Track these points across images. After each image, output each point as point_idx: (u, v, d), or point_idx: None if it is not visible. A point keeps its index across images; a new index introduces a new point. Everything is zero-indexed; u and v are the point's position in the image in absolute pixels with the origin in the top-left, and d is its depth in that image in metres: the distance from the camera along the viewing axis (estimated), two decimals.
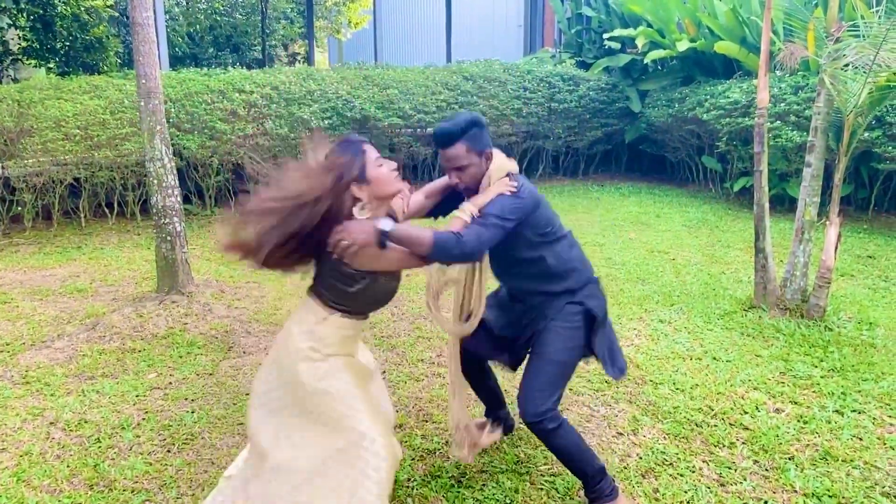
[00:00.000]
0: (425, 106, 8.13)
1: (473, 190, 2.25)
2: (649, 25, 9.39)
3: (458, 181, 2.26)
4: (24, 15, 10.97)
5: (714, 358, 3.61)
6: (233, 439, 2.82)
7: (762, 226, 4.15)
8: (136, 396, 3.23)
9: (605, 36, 9.57)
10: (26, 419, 2.99)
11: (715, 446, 2.73)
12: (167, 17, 14.24)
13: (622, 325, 4.11)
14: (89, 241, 6.55)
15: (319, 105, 7.48)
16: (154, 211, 4.46)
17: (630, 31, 8.98)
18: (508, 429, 2.80)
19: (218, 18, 15.10)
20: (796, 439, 2.77)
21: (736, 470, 2.57)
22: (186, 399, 3.21)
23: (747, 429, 2.86)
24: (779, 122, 7.03)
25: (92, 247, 6.33)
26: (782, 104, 7.01)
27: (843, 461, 2.61)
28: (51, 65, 11.78)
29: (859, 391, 3.19)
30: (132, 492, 2.44)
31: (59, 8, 10.94)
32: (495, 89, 8.73)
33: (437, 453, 2.72)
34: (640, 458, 2.65)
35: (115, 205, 7.25)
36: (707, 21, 8.18)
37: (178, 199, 4.52)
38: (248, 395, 3.22)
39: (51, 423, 2.95)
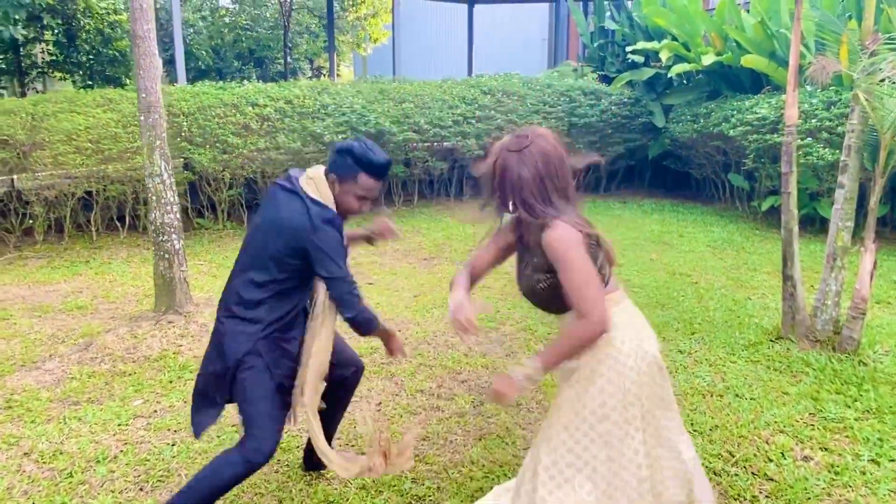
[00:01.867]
0: (441, 120, 7.97)
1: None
2: (674, 39, 9.14)
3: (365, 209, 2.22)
4: (50, 29, 11.12)
5: (737, 395, 3.34)
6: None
7: (790, 251, 3.87)
8: (118, 425, 3.07)
9: (628, 49, 9.33)
10: (0, 448, 2.85)
11: (735, 499, 2.47)
12: (191, 30, 14.38)
13: None
14: (98, 255, 6.48)
15: (333, 119, 7.36)
16: (153, 228, 4.33)
17: (653, 45, 8.74)
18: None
19: (240, 33, 15.19)
20: (826, 493, 2.50)
21: None
22: (169, 429, 3.04)
23: (772, 479, 2.59)
24: (810, 138, 6.71)
25: (100, 261, 6.25)
26: (813, 120, 6.69)
27: None
28: (74, 77, 11.94)
29: None
30: None
31: (82, 22, 11.08)
32: (514, 103, 8.53)
33: (428, 501, 2.50)
34: None
35: (127, 218, 7.20)
36: (734, 34, 7.90)
37: (178, 215, 4.39)
38: (233, 426, 3.05)
39: (25, 454, 2.80)
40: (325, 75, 20.29)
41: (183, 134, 6.89)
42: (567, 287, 1.81)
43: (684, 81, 9.84)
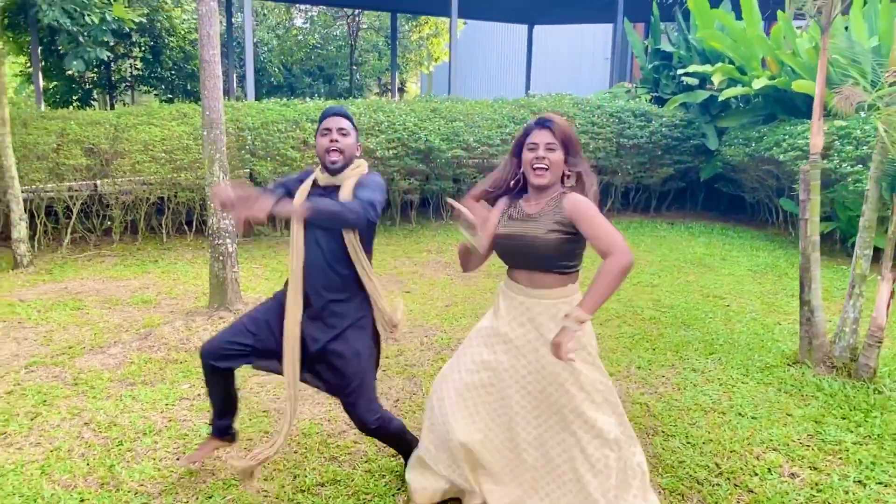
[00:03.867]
0: (489, 139, 8.25)
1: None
2: (731, 62, 9.12)
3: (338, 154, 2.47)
4: (138, 46, 12.12)
5: (739, 413, 3.44)
6: (237, 453, 2.98)
7: (807, 277, 3.93)
8: (165, 405, 3.47)
9: (680, 72, 9.37)
10: (65, 418, 3.29)
11: None
12: (265, 48, 15.26)
13: (650, 372, 3.99)
14: (167, 255, 7.08)
15: (386, 136, 7.76)
16: (210, 232, 4.79)
17: (705, 68, 8.76)
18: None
19: (309, 51, 15.97)
20: None
21: None
22: (209, 411, 3.41)
23: (751, 492, 2.71)
24: (860, 165, 6.62)
25: (167, 261, 6.83)
26: (865, 147, 6.60)
27: None
28: (158, 91, 12.94)
29: (893, 463, 2.94)
30: (135, 493, 2.64)
31: (167, 40, 12.00)
32: None
33: None
34: None
35: (194, 223, 7.80)
36: (786, 59, 7.86)
37: (232, 221, 4.83)
38: (264, 412, 3.40)
39: (85, 424, 3.24)
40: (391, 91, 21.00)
41: (247, 147, 7.44)
42: (596, 232, 2.15)
43: (741, 105, 9.78)
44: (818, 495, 2.69)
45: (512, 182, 2.38)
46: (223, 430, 2.76)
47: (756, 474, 2.84)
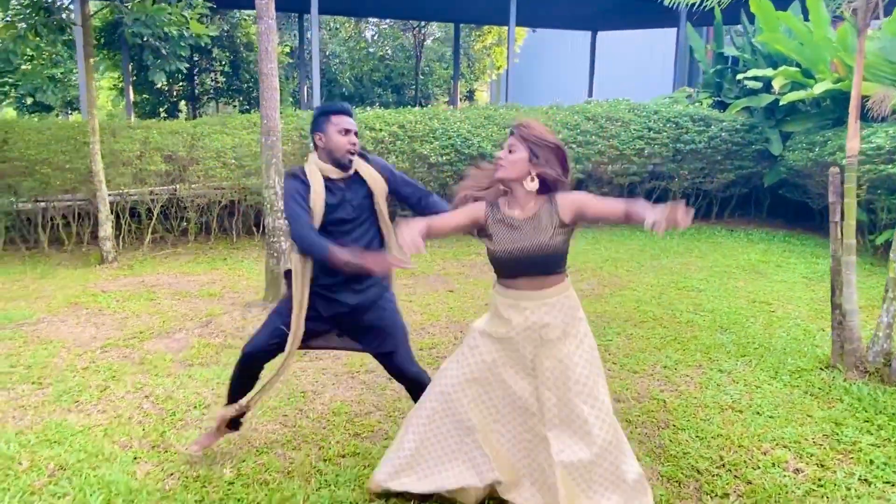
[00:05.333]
0: None
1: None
2: (798, 65, 8.89)
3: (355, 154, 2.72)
4: (218, 61, 12.99)
5: (756, 412, 3.47)
6: (272, 426, 3.30)
7: (839, 280, 3.90)
8: (217, 384, 3.85)
9: (740, 76, 9.20)
10: (129, 391, 3.72)
11: (707, 494, 2.71)
12: (336, 61, 15.96)
13: (675, 371, 4.06)
14: (235, 254, 7.62)
15: (440, 142, 8.06)
16: (266, 231, 5.20)
17: (767, 72, 8.58)
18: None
19: (377, 62, 16.55)
20: (799, 500, 2.66)
21: None
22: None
23: (749, 483, 2.78)
24: None
25: (235, 260, 7.36)
26: None
27: None
28: (236, 103, 13.80)
29: None
30: (180, 455, 2.99)
31: (244, 54, 12.80)
32: (617, 129, 8.76)
33: None
34: None
35: (262, 225, 8.33)
36: (850, 61, 7.60)
37: (285, 221, 5.22)
38: (302, 393, 3.72)
39: (145, 396, 3.65)
40: (460, 100, 21.38)
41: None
42: (604, 205, 2.39)
43: (808, 108, 9.48)
44: (817, 490, 2.73)
45: (499, 186, 2.47)
46: (234, 421, 2.99)
47: (758, 468, 2.90)
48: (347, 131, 2.69)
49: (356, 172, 2.74)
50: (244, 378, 2.93)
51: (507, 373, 2.48)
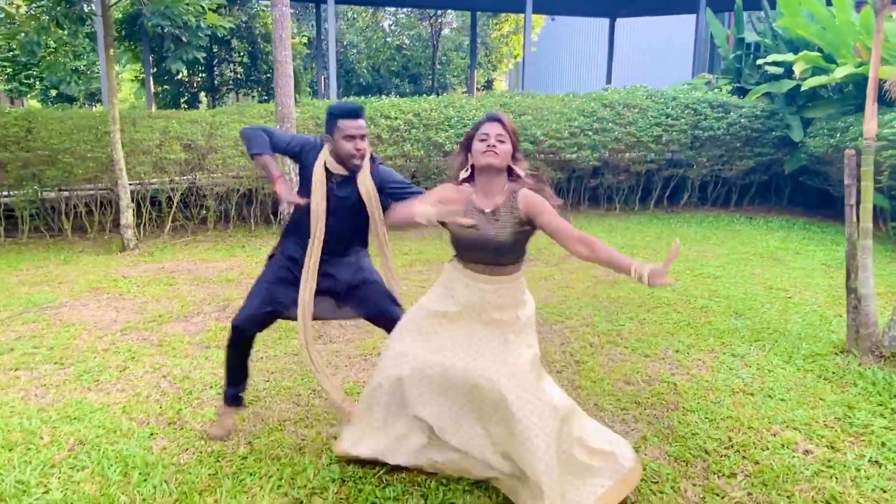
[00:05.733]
0: (558, 132, 8.36)
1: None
2: (820, 50, 8.74)
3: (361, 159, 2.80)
4: (237, 52, 13.09)
5: (768, 395, 3.46)
6: (285, 405, 3.37)
7: (854, 264, 3.86)
8: None
9: (760, 62, 9.07)
10: (148, 371, 3.81)
11: (714, 474, 2.71)
12: (354, 51, 15.99)
13: (687, 355, 4.05)
14: (253, 241, 7.71)
15: (455, 130, 8.06)
16: (279, 218, 5.26)
17: (787, 56, 8.44)
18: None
19: (394, 52, 16.56)
20: (808, 480, 2.65)
21: (723, 497, 2.55)
22: (268, 371, 3.85)
23: (757, 463, 2.78)
24: None
25: (253, 247, 7.46)
26: None
27: None
28: (254, 93, 13.90)
29: None
30: (196, 432, 3.07)
31: (262, 45, 12.89)
32: (634, 116, 8.69)
33: None
34: None
35: (279, 214, 8.42)
36: (872, 45, 7.45)
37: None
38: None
39: (163, 376, 3.74)
40: (478, 89, 21.33)
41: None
42: (558, 224, 2.36)
43: (830, 94, 9.32)
44: (826, 471, 2.72)
45: (462, 176, 2.49)
46: (235, 397, 3.08)
47: (767, 448, 2.90)
48: (352, 137, 2.75)
49: (353, 177, 2.84)
50: (236, 356, 3.00)
51: (448, 343, 2.52)
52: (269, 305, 2.90)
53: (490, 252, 2.46)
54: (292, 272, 2.92)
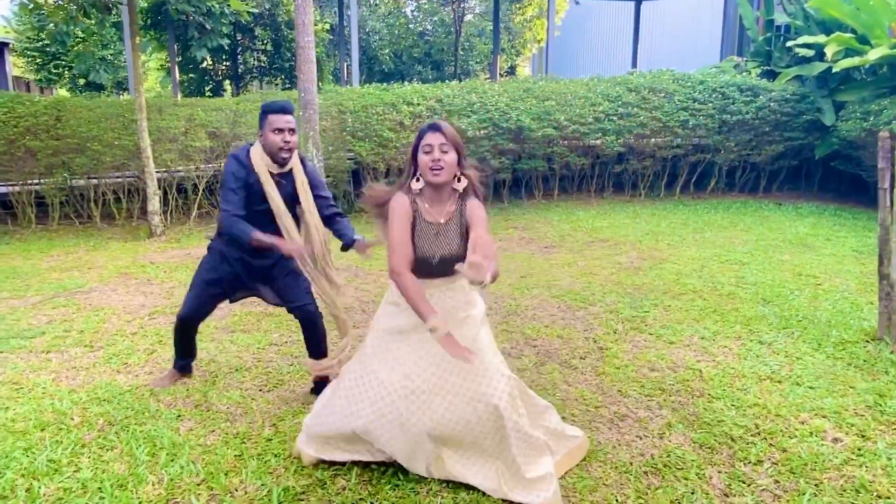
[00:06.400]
0: (582, 117, 8.26)
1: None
2: (853, 31, 8.50)
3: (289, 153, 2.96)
4: (260, 40, 13.14)
5: (796, 383, 3.40)
6: (309, 388, 3.40)
7: (887, 250, 3.76)
8: (257, 349, 3.98)
9: (790, 44, 8.85)
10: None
11: (740, 461, 2.68)
12: (376, 38, 15.94)
13: (713, 342, 3.99)
14: None
15: (478, 116, 8.01)
16: None
17: (819, 38, 8.22)
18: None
19: (417, 38, 16.47)
20: (836, 468, 2.60)
21: (749, 485, 2.52)
22: (292, 355, 3.88)
23: (785, 451, 2.73)
24: None
25: None
26: None
27: (878, 496, 2.42)
28: (278, 81, 13.95)
29: None
30: (221, 413, 3.11)
31: (285, 33, 12.91)
32: (660, 100, 8.55)
33: None
34: (652, 457, 2.70)
35: None
36: None
37: None
38: (339, 361, 3.79)
39: None
40: (502, 75, 21.15)
41: (348, 129, 7.97)
42: (482, 235, 2.18)
43: (863, 76, 9.07)
44: (855, 459, 2.67)
45: (416, 187, 2.42)
46: (185, 367, 3.49)
47: (795, 436, 2.85)
48: (281, 130, 2.91)
49: (290, 171, 3.01)
50: (184, 339, 3.40)
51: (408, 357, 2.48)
52: (209, 302, 3.29)
53: (450, 264, 2.38)
54: (222, 268, 3.18)
